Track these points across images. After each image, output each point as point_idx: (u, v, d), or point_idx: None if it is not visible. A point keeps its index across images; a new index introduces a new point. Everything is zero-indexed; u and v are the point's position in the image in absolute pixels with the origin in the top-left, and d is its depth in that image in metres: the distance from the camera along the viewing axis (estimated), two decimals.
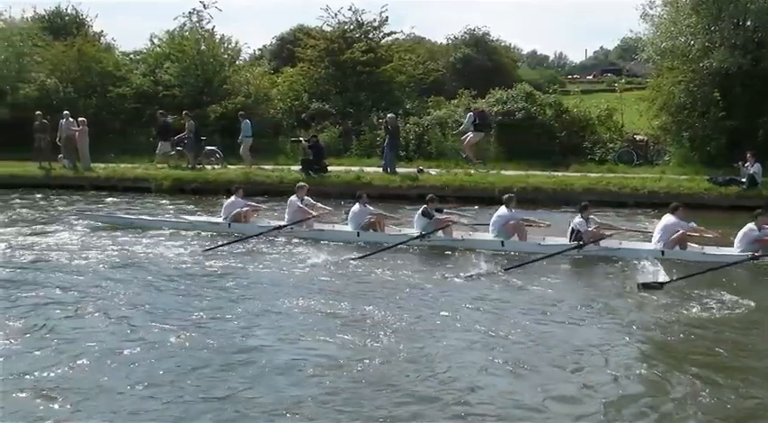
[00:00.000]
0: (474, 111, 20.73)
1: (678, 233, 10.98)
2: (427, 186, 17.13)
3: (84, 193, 19.17)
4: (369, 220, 12.46)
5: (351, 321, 7.87)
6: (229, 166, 20.89)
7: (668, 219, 11.22)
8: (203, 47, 26.96)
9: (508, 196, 12.25)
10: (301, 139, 20.97)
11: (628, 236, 11.99)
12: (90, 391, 6.01)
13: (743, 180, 16.43)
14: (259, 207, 13.93)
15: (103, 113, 26.50)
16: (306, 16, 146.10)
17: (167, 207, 16.87)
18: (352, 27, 28.50)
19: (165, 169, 20.72)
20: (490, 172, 19.10)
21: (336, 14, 28.55)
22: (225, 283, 9.54)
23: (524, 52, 73.39)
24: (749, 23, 19.38)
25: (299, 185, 13.47)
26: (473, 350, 7.08)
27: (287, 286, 9.43)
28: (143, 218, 14.41)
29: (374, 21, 28.64)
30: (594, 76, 58.40)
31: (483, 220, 12.68)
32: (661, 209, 11.96)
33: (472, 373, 6.43)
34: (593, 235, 11.23)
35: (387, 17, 28.67)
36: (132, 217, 14.50)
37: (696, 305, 8.51)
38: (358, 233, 12.33)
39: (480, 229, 12.37)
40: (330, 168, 19.43)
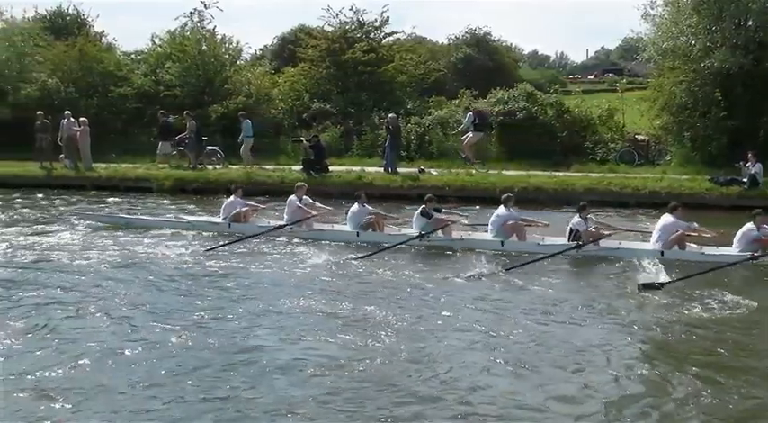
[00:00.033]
0: (473, 111, 20.71)
1: (677, 233, 10.98)
2: (428, 186, 17.13)
3: (86, 194, 19.18)
4: (368, 220, 12.46)
5: (352, 321, 7.87)
6: (231, 166, 20.89)
7: (667, 219, 11.21)
8: (204, 47, 26.97)
9: (506, 196, 12.24)
10: (302, 139, 20.95)
11: (626, 236, 11.99)
12: (91, 390, 6.02)
13: (744, 180, 16.42)
14: (258, 207, 13.93)
15: (105, 113, 26.51)
16: (307, 16, 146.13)
17: (168, 207, 16.87)
18: (353, 27, 28.50)
19: (167, 169, 20.73)
20: (489, 172, 19.09)
21: (338, 14, 28.62)
22: (226, 283, 9.55)
23: (525, 52, 73.27)
24: (750, 23, 19.36)
25: (297, 185, 13.47)
26: (474, 350, 7.08)
27: (288, 286, 9.43)
28: (141, 218, 14.43)
29: (375, 21, 28.69)
30: (596, 76, 58.34)
31: (484, 221, 12.66)
32: (662, 209, 11.95)
33: (473, 373, 6.44)
34: (591, 235, 11.23)
35: (388, 17, 28.74)
36: (131, 217, 14.52)
37: (697, 305, 8.52)
38: (357, 233, 12.33)
39: (480, 229, 12.38)
40: (331, 168, 19.43)
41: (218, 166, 21.12)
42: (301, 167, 19.36)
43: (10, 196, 18.23)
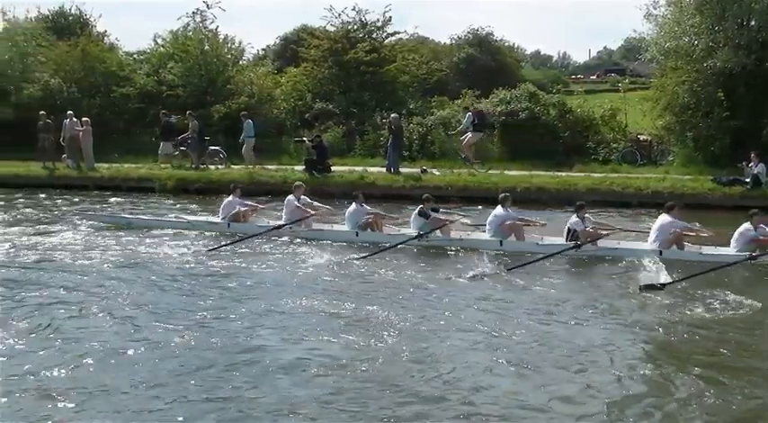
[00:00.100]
0: (473, 111, 20.67)
1: (674, 233, 10.98)
2: (430, 186, 17.12)
3: (88, 193, 19.19)
4: (366, 220, 12.45)
5: (354, 321, 7.87)
6: (233, 166, 20.90)
7: (664, 218, 11.21)
8: (207, 47, 26.99)
9: (504, 196, 12.19)
10: (305, 139, 20.96)
11: (625, 235, 11.98)
12: (94, 390, 6.03)
13: (747, 180, 16.40)
14: (257, 206, 13.90)
15: (107, 113, 26.54)
16: (309, 16, 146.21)
17: (171, 207, 16.88)
18: (355, 27, 28.52)
19: (169, 169, 20.74)
20: (492, 172, 19.08)
21: (340, 14, 28.66)
22: (228, 283, 9.56)
23: (528, 52, 73.41)
24: (753, 23, 19.33)
25: (295, 185, 13.47)
26: (477, 350, 7.08)
27: (290, 286, 9.43)
28: (142, 218, 14.43)
29: (378, 21, 28.71)
30: (598, 76, 58.39)
31: (485, 221, 12.65)
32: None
33: (476, 374, 6.44)
34: (589, 234, 11.22)
35: (390, 17, 28.78)
36: (132, 217, 14.52)
37: (699, 305, 8.51)
38: (357, 233, 12.33)
39: (481, 229, 12.36)
40: (333, 168, 19.43)
41: (220, 166, 21.12)
42: (304, 167, 19.34)
43: (12, 196, 18.24)
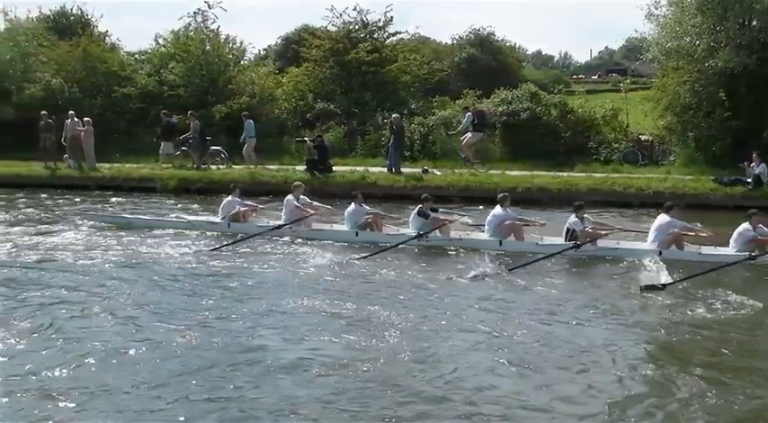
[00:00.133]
0: (473, 111, 20.69)
1: (673, 233, 10.98)
2: (432, 186, 17.13)
3: (90, 193, 19.20)
4: (366, 220, 12.45)
5: (356, 321, 7.87)
6: (234, 166, 20.91)
7: (662, 218, 11.22)
8: (208, 47, 27.01)
9: (502, 195, 12.18)
10: (306, 139, 20.97)
11: (624, 235, 11.98)
12: (95, 390, 6.03)
13: (748, 180, 16.41)
14: (257, 206, 13.89)
15: (108, 113, 26.56)
16: (310, 16, 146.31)
17: (172, 207, 16.88)
18: (356, 27, 28.53)
19: (170, 169, 20.75)
20: (493, 172, 19.08)
21: (341, 14, 28.68)
22: (229, 283, 9.56)
23: (529, 52, 73.40)
24: (755, 23, 19.34)
25: (294, 185, 13.47)
26: (478, 350, 7.08)
27: (292, 286, 9.43)
28: (143, 217, 14.44)
29: (379, 21, 28.71)
30: (599, 76, 58.40)
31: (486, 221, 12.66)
32: None
33: (478, 374, 6.44)
34: (588, 234, 11.22)
35: (391, 17, 28.78)
36: (133, 217, 14.53)
37: (700, 306, 8.51)
38: (357, 233, 12.32)
39: (481, 229, 12.35)
40: (335, 168, 19.43)
41: (221, 166, 21.13)
42: (305, 167, 19.36)
43: (14, 196, 18.25)
